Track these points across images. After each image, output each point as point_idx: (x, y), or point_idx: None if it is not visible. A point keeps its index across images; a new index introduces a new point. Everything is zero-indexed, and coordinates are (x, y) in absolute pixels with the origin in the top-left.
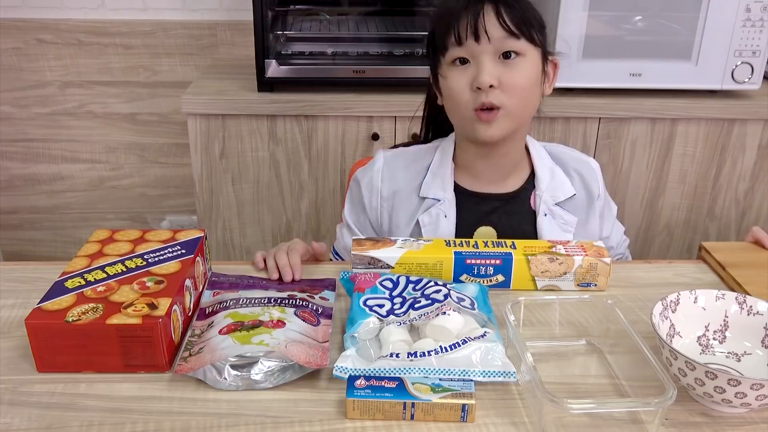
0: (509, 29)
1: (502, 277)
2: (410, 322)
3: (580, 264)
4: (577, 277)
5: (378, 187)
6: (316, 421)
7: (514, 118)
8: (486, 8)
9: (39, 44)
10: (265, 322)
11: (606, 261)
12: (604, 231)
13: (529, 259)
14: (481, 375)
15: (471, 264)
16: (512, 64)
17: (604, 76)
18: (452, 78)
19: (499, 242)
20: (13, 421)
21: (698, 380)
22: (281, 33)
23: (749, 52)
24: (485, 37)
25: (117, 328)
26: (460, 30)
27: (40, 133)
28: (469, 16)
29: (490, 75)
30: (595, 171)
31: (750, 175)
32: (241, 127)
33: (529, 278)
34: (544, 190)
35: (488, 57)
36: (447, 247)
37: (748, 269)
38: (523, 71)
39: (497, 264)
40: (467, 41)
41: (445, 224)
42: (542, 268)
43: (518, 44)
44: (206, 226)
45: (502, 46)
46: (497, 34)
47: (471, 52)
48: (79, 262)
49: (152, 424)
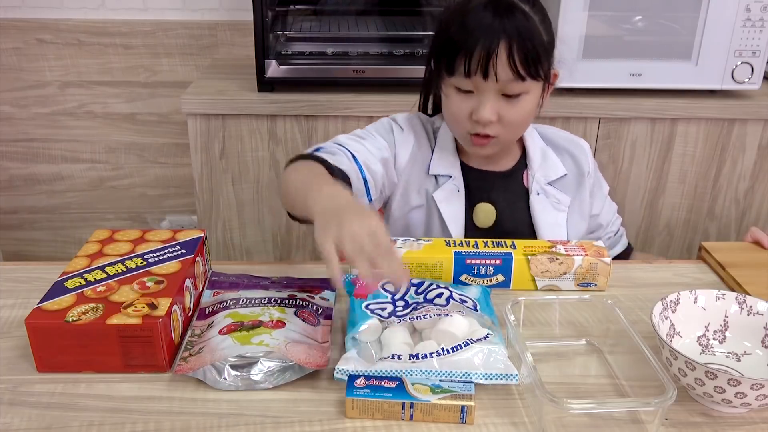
0: (518, 72)
1: (502, 277)
2: (411, 321)
3: (580, 264)
4: (577, 277)
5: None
6: (316, 421)
7: (507, 142)
8: (500, 46)
9: (39, 44)
10: (265, 322)
11: (606, 261)
12: (594, 208)
13: (529, 259)
14: (482, 377)
15: (471, 264)
16: (513, 101)
17: (604, 76)
18: (453, 102)
19: (499, 242)
20: (13, 421)
21: (698, 380)
22: (281, 33)
23: (749, 52)
24: (493, 77)
25: (117, 328)
26: (471, 64)
27: (40, 133)
28: (482, 52)
29: (491, 112)
30: (585, 149)
31: (750, 175)
32: (241, 127)
33: (529, 278)
34: (536, 169)
35: (492, 94)
36: (447, 247)
37: (748, 269)
38: (524, 107)
39: (497, 264)
40: (475, 76)
41: (457, 198)
42: (542, 268)
43: (523, 85)
44: (206, 226)
45: (506, 87)
46: (505, 77)
47: (476, 85)
48: (79, 262)
49: (152, 424)
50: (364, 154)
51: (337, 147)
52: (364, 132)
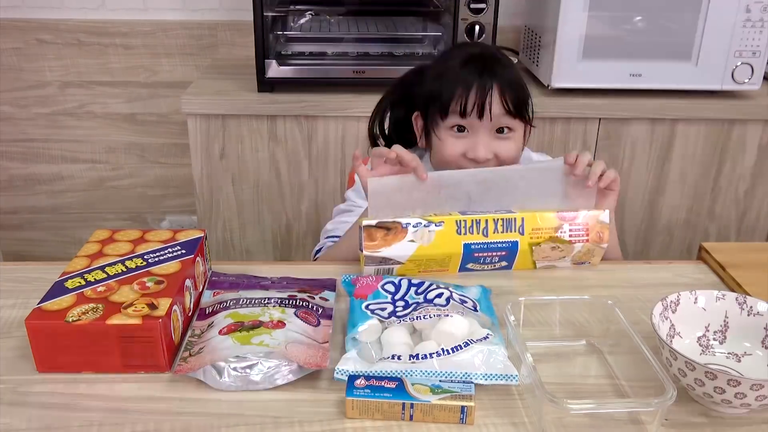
0: (509, 109)
1: (505, 263)
2: (411, 321)
3: (579, 249)
4: (573, 259)
5: None
6: (316, 422)
7: None
8: (494, 86)
9: (39, 44)
10: (265, 322)
11: (603, 246)
12: None
13: (533, 249)
14: (482, 378)
15: (478, 256)
16: (504, 138)
17: (604, 76)
18: (448, 144)
19: (510, 221)
20: (13, 422)
21: (698, 380)
22: (281, 33)
23: (749, 52)
24: (488, 116)
25: (117, 328)
26: (467, 106)
27: (40, 133)
28: (477, 95)
29: (487, 150)
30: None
31: (750, 175)
32: (241, 127)
33: (530, 262)
34: None
35: (485, 132)
36: (458, 235)
37: (748, 270)
38: (514, 144)
39: (503, 255)
40: (470, 117)
41: None
42: (543, 255)
43: (512, 122)
44: (206, 226)
45: (498, 122)
46: (497, 112)
47: (471, 124)
48: (79, 262)
49: (152, 424)
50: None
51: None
52: (347, 204)
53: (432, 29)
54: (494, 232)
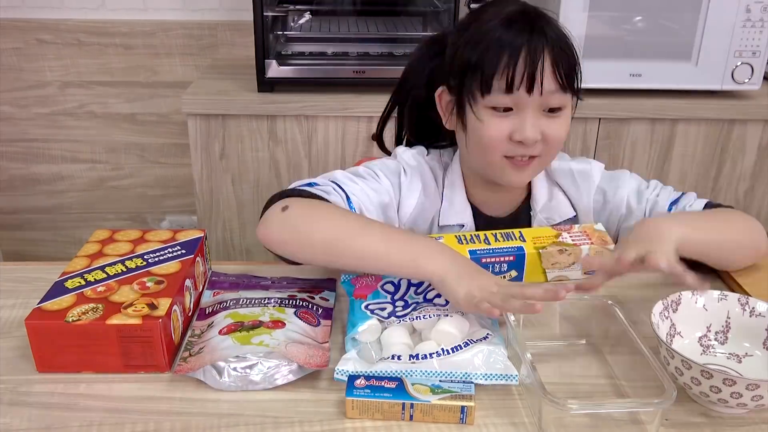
0: (563, 84)
1: (515, 272)
2: (411, 321)
3: (587, 253)
4: (584, 266)
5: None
6: (316, 421)
7: (546, 163)
8: (545, 56)
9: (39, 44)
10: (265, 322)
11: (610, 248)
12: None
13: (540, 253)
14: (482, 378)
15: (487, 263)
16: (554, 117)
17: (604, 76)
18: (491, 125)
19: (508, 234)
20: (13, 421)
21: (694, 379)
22: (281, 33)
23: (749, 52)
24: (539, 90)
25: (117, 328)
26: (515, 78)
27: (40, 133)
28: (527, 63)
29: (536, 130)
30: (592, 180)
31: (750, 175)
32: (241, 127)
33: (540, 272)
34: (538, 211)
35: (534, 110)
36: (460, 245)
37: (749, 271)
38: (564, 123)
39: (511, 260)
40: (518, 91)
41: None
42: (552, 260)
43: (564, 98)
44: (206, 226)
45: (549, 101)
46: (550, 88)
47: (517, 101)
48: (79, 262)
49: (152, 424)
50: (360, 197)
51: (332, 186)
52: (366, 170)
53: (432, 29)
54: (495, 241)
